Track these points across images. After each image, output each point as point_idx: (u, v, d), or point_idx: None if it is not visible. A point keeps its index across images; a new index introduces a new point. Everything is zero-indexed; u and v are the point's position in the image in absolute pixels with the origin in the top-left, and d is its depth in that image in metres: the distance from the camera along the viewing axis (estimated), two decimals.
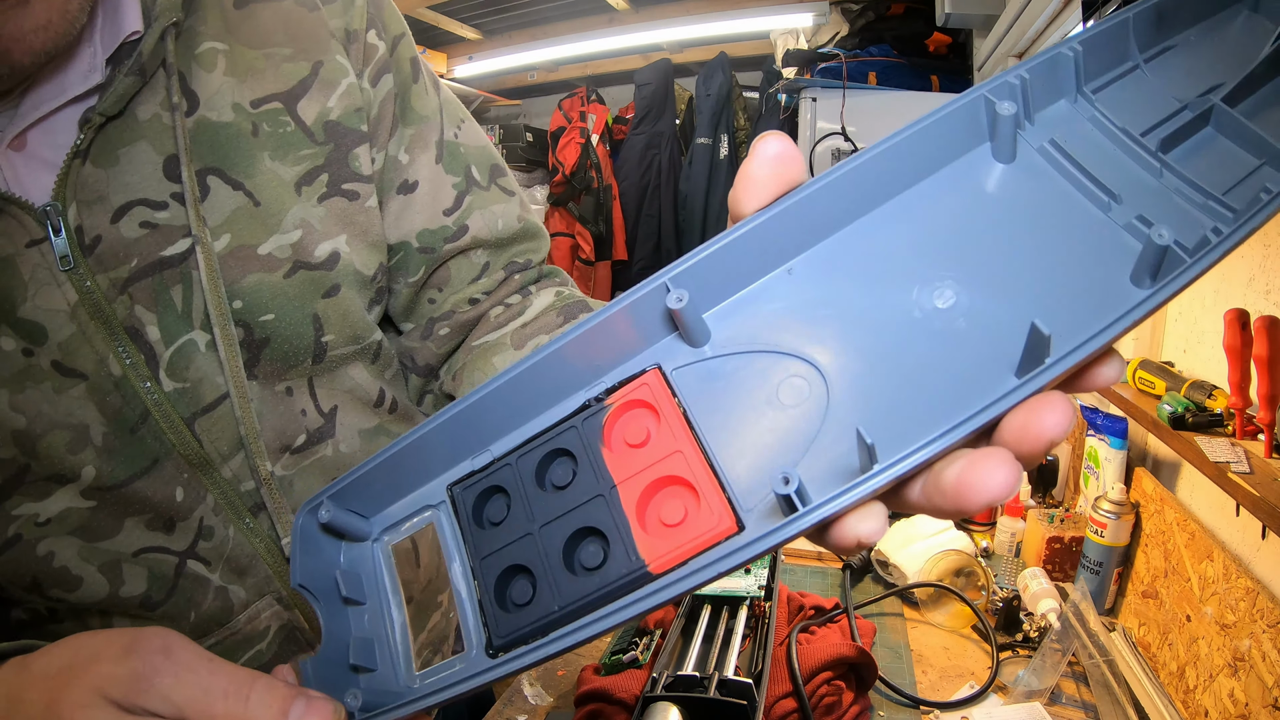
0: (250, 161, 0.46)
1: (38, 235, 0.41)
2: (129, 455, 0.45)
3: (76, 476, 0.43)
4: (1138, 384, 1.00)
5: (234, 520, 0.49)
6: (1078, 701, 0.82)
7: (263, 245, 0.47)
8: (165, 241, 0.44)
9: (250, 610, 0.51)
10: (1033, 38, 1.96)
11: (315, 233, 0.48)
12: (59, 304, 0.42)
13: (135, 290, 0.44)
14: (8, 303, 0.41)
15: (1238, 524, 0.79)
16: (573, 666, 0.88)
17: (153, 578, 0.47)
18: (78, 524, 0.45)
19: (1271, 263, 0.82)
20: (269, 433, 0.49)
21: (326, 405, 0.52)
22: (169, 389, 0.45)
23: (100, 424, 0.44)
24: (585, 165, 3.41)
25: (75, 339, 0.43)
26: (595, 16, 3.21)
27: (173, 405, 0.45)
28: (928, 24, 2.63)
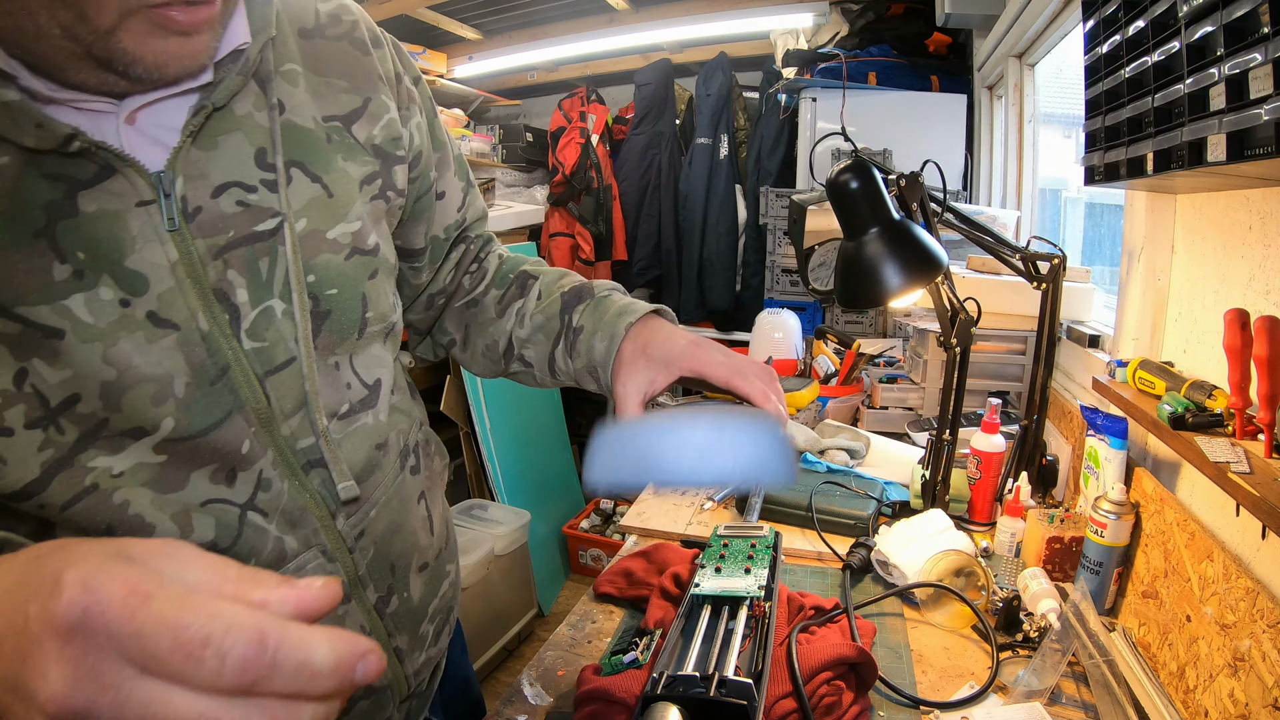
0: (327, 160, 0.56)
1: (148, 197, 0.48)
2: (206, 407, 0.50)
3: (156, 428, 0.48)
4: (1138, 384, 1.00)
5: (288, 476, 0.55)
6: (1078, 701, 0.82)
7: (331, 231, 0.56)
8: (257, 219, 0.52)
9: (299, 560, 0.56)
10: (1032, 38, 1.96)
11: (366, 226, 0.59)
12: (160, 260, 0.48)
13: (230, 257, 0.51)
14: (115, 252, 0.47)
15: (1238, 524, 0.79)
16: (573, 666, 0.88)
17: (220, 525, 0.52)
18: (148, 478, 0.49)
19: (1271, 263, 0.82)
20: (321, 399, 0.56)
21: (369, 379, 0.61)
22: (248, 347, 0.52)
23: (184, 375, 0.49)
24: (585, 165, 3.41)
25: (171, 293, 0.48)
26: (595, 16, 3.21)
27: (249, 362, 0.52)
28: (928, 24, 2.63)
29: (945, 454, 1.23)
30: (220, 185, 0.51)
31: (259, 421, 0.53)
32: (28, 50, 0.43)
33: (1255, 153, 0.62)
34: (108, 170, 0.47)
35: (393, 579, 0.64)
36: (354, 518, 0.60)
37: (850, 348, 1.96)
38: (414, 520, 0.67)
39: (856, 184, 1.04)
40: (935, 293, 1.20)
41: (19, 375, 0.44)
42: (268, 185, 0.52)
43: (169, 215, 0.48)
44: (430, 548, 0.69)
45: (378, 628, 0.63)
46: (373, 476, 0.61)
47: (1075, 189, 2.17)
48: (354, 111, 0.59)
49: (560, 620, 0.99)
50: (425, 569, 0.68)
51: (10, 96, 0.43)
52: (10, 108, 0.43)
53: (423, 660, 0.69)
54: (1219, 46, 0.66)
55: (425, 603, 0.69)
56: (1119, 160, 0.91)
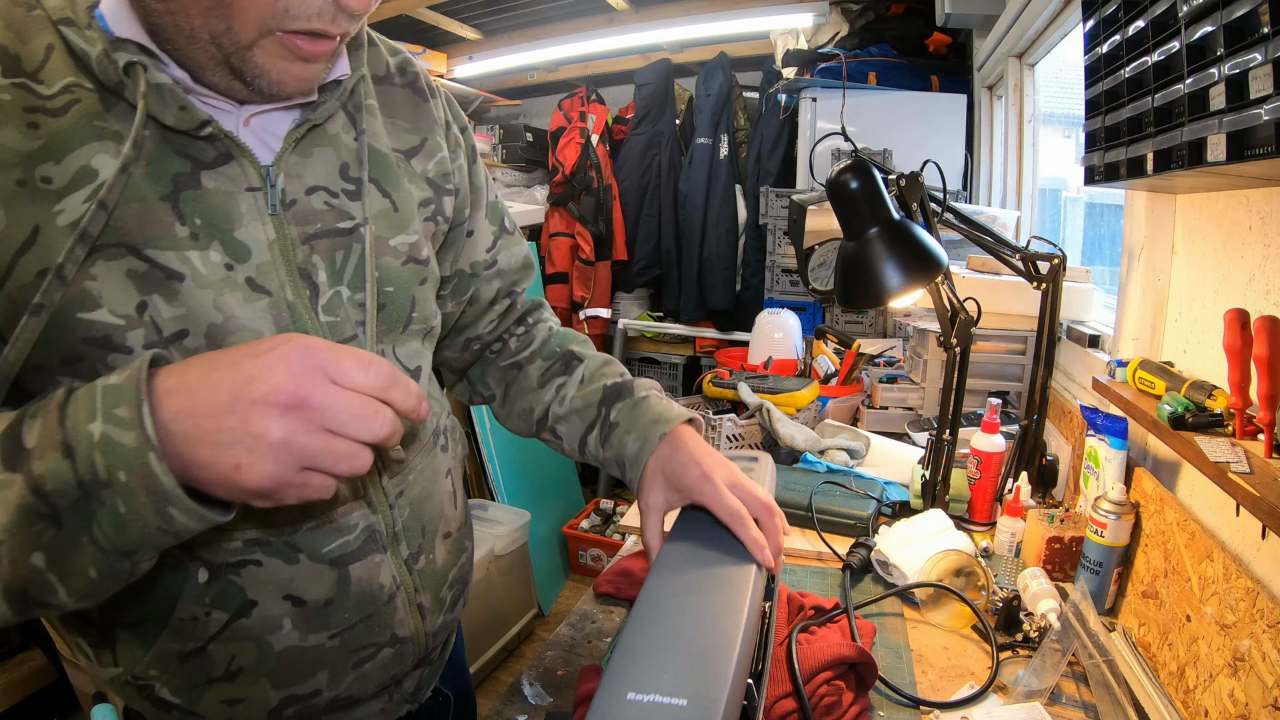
0: (396, 181, 0.67)
1: (256, 184, 0.57)
2: None
3: None
4: (1138, 384, 1.00)
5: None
6: (1078, 701, 0.82)
7: (393, 239, 0.66)
8: (338, 218, 0.61)
9: (346, 507, 0.64)
10: (1033, 38, 1.96)
11: (421, 240, 0.68)
12: (261, 237, 0.57)
13: (315, 244, 0.60)
14: (227, 223, 0.56)
15: (1238, 524, 0.79)
16: (573, 666, 0.88)
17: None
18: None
19: (1271, 263, 0.82)
20: None
21: (411, 365, 0.69)
22: (322, 320, 0.60)
23: (270, 333, 0.57)
24: (585, 165, 3.41)
25: (267, 265, 0.57)
26: (595, 16, 3.21)
27: (322, 333, 0.60)
28: (928, 24, 2.63)
29: (945, 454, 1.23)
30: (311, 186, 0.60)
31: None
32: (178, 47, 0.51)
33: (1255, 153, 0.62)
34: (226, 157, 0.56)
35: (422, 539, 0.71)
36: (395, 479, 0.67)
37: (850, 348, 1.96)
38: (442, 491, 0.74)
39: (856, 184, 1.04)
40: (935, 293, 1.20)
41: (140, 306, 0.53)
42: (349, 194, 0.62)
43: (271, 202, 0.58)
44: (454, 520, 0.76)
45: (406, 581, 0.69)
46: (412, 446, 0.70)
47: (1075, 189, 2.17)
48: (413, 148, 0.70)
49: (560, 620, 0.99)
50: (449, 538, 0.75)
51: (163, 79, 0.51)
52: (162, 89, 0.51)
53: (440, 623, 0.74)
54: (1219, 46, 0.66)
55: (446, 569, 0.75)
56: (1119, 160, 0.91)
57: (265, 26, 0.50)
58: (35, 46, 0.51)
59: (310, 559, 0.62)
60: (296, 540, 0.61)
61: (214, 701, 0.63)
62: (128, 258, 0.52)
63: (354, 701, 0.69)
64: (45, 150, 0.50)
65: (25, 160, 0.50)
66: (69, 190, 0.50)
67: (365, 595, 0.65)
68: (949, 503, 1.25)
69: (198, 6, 0.48)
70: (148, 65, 0.51)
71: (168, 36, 0.51)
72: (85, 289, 0.51)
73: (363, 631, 0.66)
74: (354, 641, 0.66)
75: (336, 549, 0.63)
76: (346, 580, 0.64)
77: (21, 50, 0.50)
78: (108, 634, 0.62)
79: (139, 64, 0.51)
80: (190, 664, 0.61)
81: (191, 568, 0.59)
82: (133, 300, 0.52)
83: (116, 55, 0.50)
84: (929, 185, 1.15)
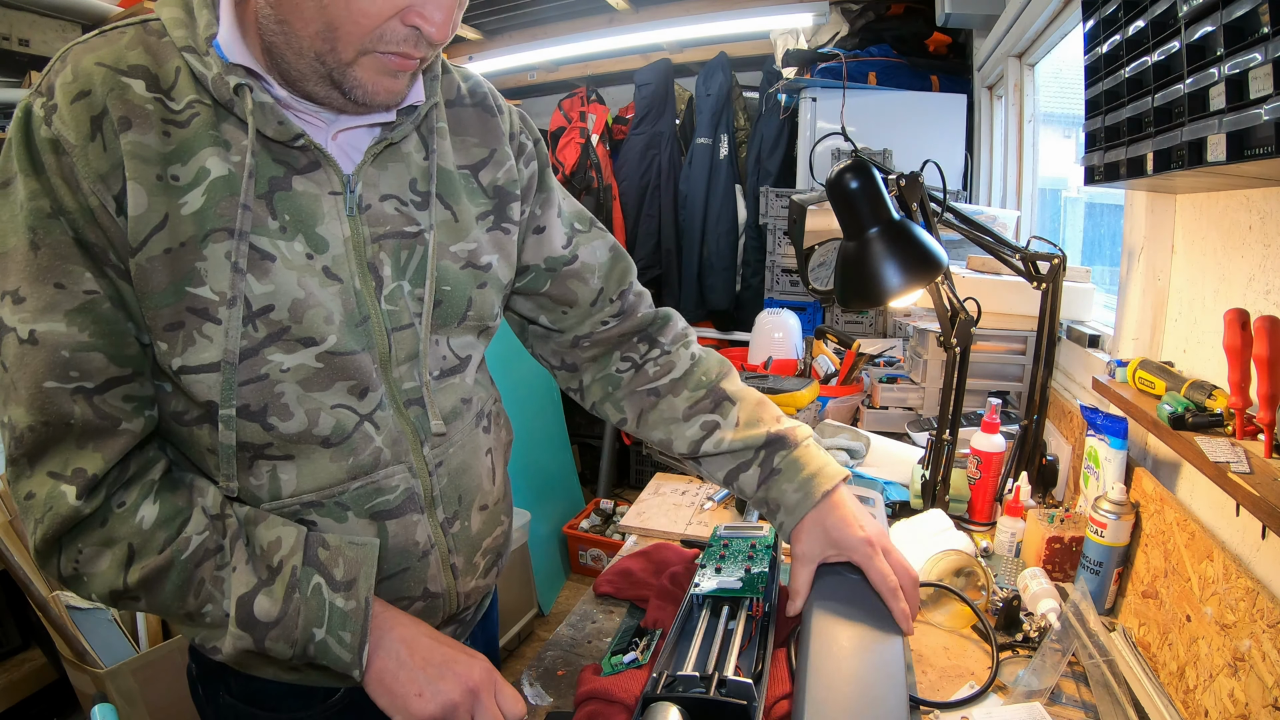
0: (458, 196, 0.75)
1: (337, 189, 0.67)
2: (351, 337, 0.68)
3: (323, 340, 0.66)
4: (1138, 384, 1.00)
5: (394, 407, 0.73)
6: (1078, 701, 0.82)
7: (453, 246, 0.74)
8: (405, 223, 0.71)
9: (389, 469, 0.73)
10: (1033, 38, 1.96)
11: (482, 248, 0.77)
12: (338, 234, 0.67)
13: (383, 243, 0.70)
14: (311, 220, 0.66)
15: (1238, 524, 0.79)
16: (573, 666, 0.88)
17: (337, 426, 0.69)
18: (303, 377, 0.67)
19: (1271, 263, 0.82)
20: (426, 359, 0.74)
21: (461, 354, 0.78)
22: (384, 308, 0.70)
23: (340, 314, 0.67)
24: (585, 165, 3.41)
25: (340, 257, 0.67)
26: (595, 16, 3.21)
27: (383, 319, 0.70)
28: (928, 24, 2.63)
29: (945, 454, 1.23)
30: (385, 194, 0.70)
31: (379, 362, 0.71)
32: (287, 62, 0.62)
33: (1255, 153, 0.62)
34: (315, 164, 0.66)
35: (459, 507, 0.79)
36: (436, 450, 0.76)
37: (850, 348, 1.96)
38: (480, 467, 0.82)
39: (856, 184, 1.04)
40: (935, 293, 1.20)
41: (233, 284, 0.62)
42: (416, 204, 0.72)
43: (349, 205, 0.68)
44: (491, 494, 0.84)
45: (440, 541, 0.77)
46: (455, 423, 0.78)
47: (1075, 189, 2.17)
48: (482, 160, 0.78)
49: (560, 620, 0.99)
50: (485, 509, 0.83)
51: (266, 99, 0.63)
52: (264, 107, 0.62)
53: (472, 586, 0.82)
54: (1219, 46, 0.66)
55: (481, 537, 0.82)
56: (1119, 160, 0.91)
57: (363, 48, 0.60)
58: (168, 69, 0.62)
59: (356, 515, 0.72)
60: (344, 499, 0.71)
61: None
62: (229, 241, 0.62)
63: None
64: (175, 154, 0.61)
65: (162, 160, 0.61)
66: (191, 186, 0.62)
67: (401, 550, 0.74)
68: (949, 503, 1.25)
69: (307, 30, 0.59)
70: (253, 86, 0.62)
71: (279, 53, 0.62)
72: (194, 268, 0.62)
73: (399, 583, 0.75)
74: (391, 592, 0.75)
75: (378, 504, 0.72)
76: (385, 535, 0.73)
77: (158, 71, 0.62)
78: None
79: (246, 86, 0.62)
80: None
81: None
82: (228, 278, 0.62)
83: (228, 78, 0.61)
84: (929, 185, 1.15)
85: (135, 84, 0.61)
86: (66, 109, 0.59)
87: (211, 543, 0.65)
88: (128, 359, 0.63)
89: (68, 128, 0.59)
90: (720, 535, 0.99)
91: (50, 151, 0.59)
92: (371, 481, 0.72)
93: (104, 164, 0.60)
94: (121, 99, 0.60)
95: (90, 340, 0.61)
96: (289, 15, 0.59)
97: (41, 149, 0.59)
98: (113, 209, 0.60)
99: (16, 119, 0.61)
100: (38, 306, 0.60)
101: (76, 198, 0.60)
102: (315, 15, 0.59)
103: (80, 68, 0.60)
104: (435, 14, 0.61)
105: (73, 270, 0.61)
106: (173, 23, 0.63)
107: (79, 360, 0.61)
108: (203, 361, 0.63)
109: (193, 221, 0.61)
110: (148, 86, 0.61)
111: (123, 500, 0.64)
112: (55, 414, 0.61)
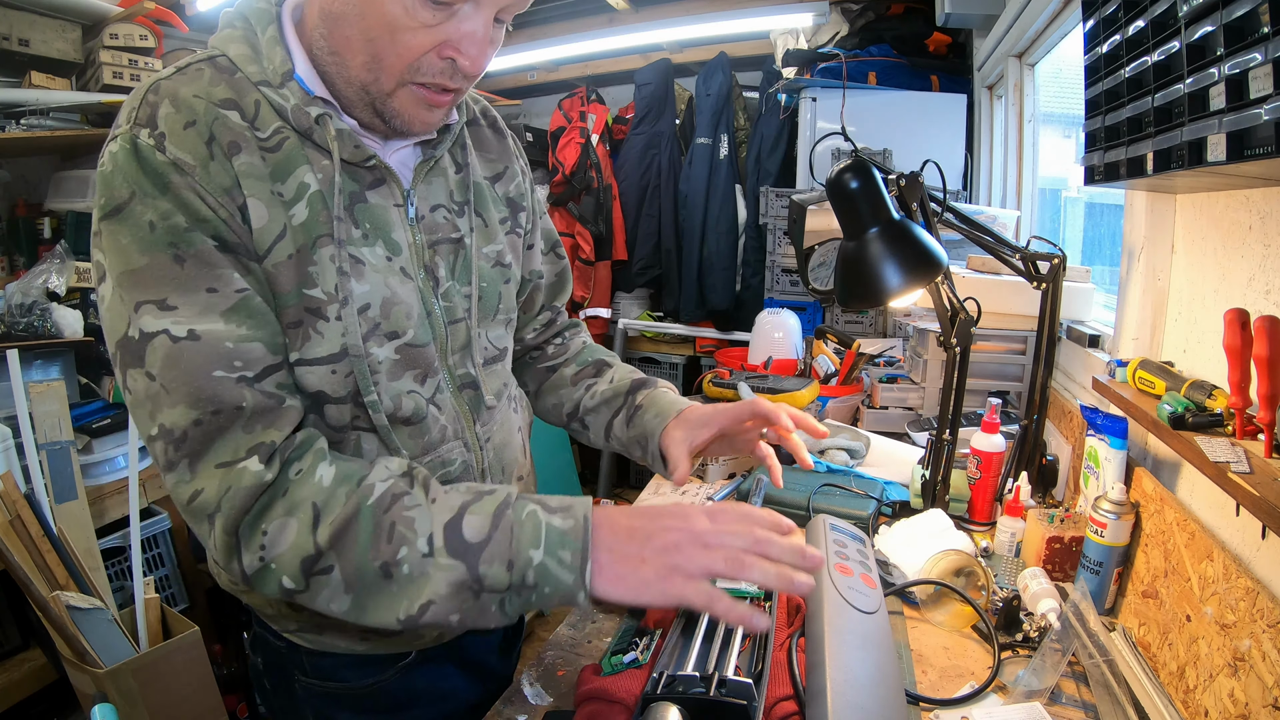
0: (487, 204, 0.85)
1: (400, 202, 0.75)
2: (422, 330, 0.76)
3: (404, 334, 0.74)
4: (1138, 384, 1.00)
5: (452, 389, 0.81)
6: (1078, 701, 0.82)
7: (485, 248, 0.84)
8: (451, 230, 0.80)
9: (449, 444, 0.80)
10: (1033, 38, 1.96)
11: (505, 249, 0.86)
12: (405, 239, 0.75)
13: (437, 248, 0.78)
14: (386, 227, 0.74)
15: (1238, 524, 0.79)
16: (573, 666, 0.88)
17: (415, 408, 0.76)
18: (388, 368, 0.73)
19: (1271, 263, 0.82)
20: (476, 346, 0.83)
21: (499, 345, 0.88)
22: (441, 305, 0.78)
23: (417, 309, 0.76)
24: (585, 165, 3.41)
25: (408, 260, 0.75)
26: (595, 16, 3.21)
27: (441, 313, 0.78)
28: (928, 24, 2.63)
29: (945, 454, 1.23)
30: (434, 205, 0.79)
31: (439, 352, 0.79)
32: (338, 90, 0.69)
33: (1255, 152, 0.62)
34: (381, 180, 0.74)
35: (502, 477, 0.88)
36: (486, 427, 0.84)
37: (850, 348, 1.96)
38: (516, 442, 0.91)
39: (856, 184, 1.04)
40: (935, 293, 1.20)
41: (337, 286, 0.69)
42: (455, 212, 0.81)
43: (410, 215, 0.76)
44: (524, 466, 0.94)
45: None
46: (500, 402, 0.87)
47: (1075, 189, 2.17)
48: (498, 174, 0.89)
49: (560, 620, 0.99)
50: (521, 480, 0.93)
51: (343, 125, 0.70)
52: (343, 133, 0.69)
53: None
54: (1219, 46, 0.66)
55: None
56: (1119, 160, 0.91)
57: (402, 79, 0.66)
58: (248, 101, 0.67)
59: None
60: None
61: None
62: (331, 246, 0.69)
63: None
64: (275, 173, 0.67)
65: (269, 178, 0.67)
66: (295, 200, 0.68)
67: None
68: (949, 503, 1.25)
69: (355, 61, 0.66)
70: (332, 115, 0.69)
71: (331, 81, 0.69)
72: (308, 272, 0.68)
73: None
74: None
75: (443, 475, 0.79)
76: None
77: (241, 104, 0.67)
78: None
79: (327, 115, 0.68)
80: None
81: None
82: (333, 280, 0.69)
83: (309, 109, 0.68)
84: (929, 185, 1.15)
85: (230, 114, 0.66)
86: (179, 135, 0.63)
87: (398, 488, 0.65)
88: (279, 347, 0.68)
89: (185, 151, 0.63)
90: None
91: (174, 172, 0.63)
92: (437, 455, 0.79)
93: (225, 179, 0.64)
94: (226, 126, 0.65)
95: (249, 333, 0.65)
96: (340, 47, 0.66)
97: (164, 171, 0.62)
98: (239, 219, 0.65)
99: (123, 150, 0.63)
100: (193, 312, 0.62)
101: (209, 208, 0.64)
102: (362, 47, 0.65)
103: (180, 99, 0.65)
104: (470, 48, 0.66)
105: (222, 274, 0.64)
106: (243, 59, 0.68)
107: (241, 351, 0.64)
108: (317, 355, 0.69)
109: (303, 231, 0.68)
110: (241, 117, 0.66)
111: (299, 468, 0.64)
112: (227, 401, 0.62)
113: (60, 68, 2.12)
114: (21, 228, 2.31)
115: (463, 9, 0.64)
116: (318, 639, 0.81)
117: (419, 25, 0.63)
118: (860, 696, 0.70)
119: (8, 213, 2.35)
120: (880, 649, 0.78)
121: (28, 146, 2.11)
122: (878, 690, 0.72)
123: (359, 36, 0.64)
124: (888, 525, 1.18)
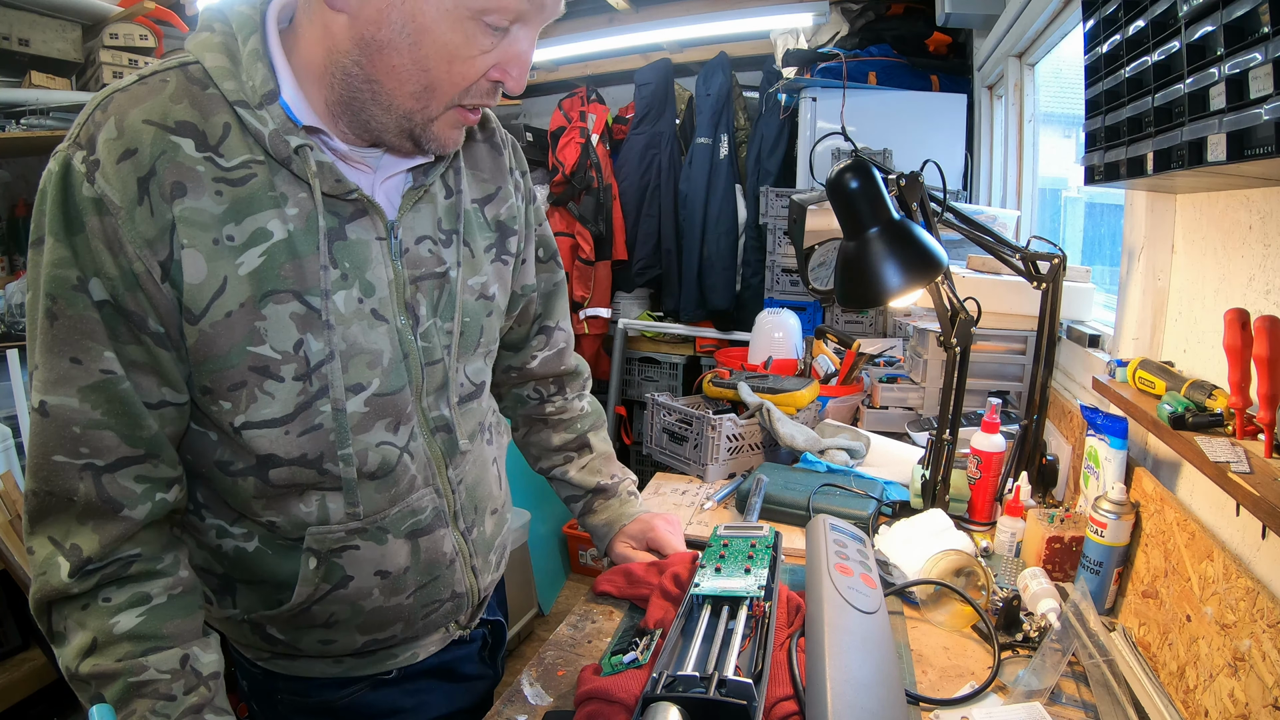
0: (474, 233, 0.81)
1: (382, 235, 0.71)
2: (394, 376, 0.73)
3: (368, 386, 0.70)
4: (1138, 384, 1.00)
5: (425, 434, 0.78)
6: (1078, 701, 0.82)
7: (470, 280, 0.80)
8: (436, 264, 0.76)
9: (420, 492, 0.78)
10: (1033, 38, 1.96)
11: (489, 279, 0.83)
12: (384, 276, 0.71)
13: (419, 284, 0.74)
14: (364, 265, 0.69)
15: (1238, 524, 0.79)
16: (573, 666, 0.88)
17: (383, 461, 0.73)
18: (354, 423, 0.70)
19: (1271, 263, 0.82)
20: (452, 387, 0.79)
21: (476, 380, 0.84)
22: (420, 345, 0.74)
23: (387, 353, 0.71)
24: (585, 165, 3.41)
25: (385, 299, 0.71)
26: (595, 16, 3.21)
27: (420, 355, 0.75)
28: (928, 24, 2.63)
29: (945, 454, 1.23)
30: (420, 236, 0.74)
31: (414, 395, 0.75)
32: (369, 114, 0.65)
33: (1255, 152, 0.62)
34: (362, 211, 0.70)
35: (475, 516, 0.85)
36: (458, 470, 0.82)
37: (850, 347, 1.96)
38: (489, 476, 0.89)
39: (856, 184, 1.04)
40: (935, 293, 1.20)
41: (298, 344, 0.66)
42: (441, 243, 0.76)
43: (393, 250, 0.72)
44: (498, 498, 0.92)
45: (463, 549, 0.84)
46: (474, 442, 0.85)
47: (1075, 189, 2.17)
48: (489, 195, 0.84)
49: (560, 620, 0.99)
50: (495, 513, 0.91)
51: (325, 158, 0.65)
52: (324, 166, 0.65)
53: (489, 580, 0.91)
54: (1219, 46, 0.66)
55: (493, 538, 0.91)
56: (1119, 160, 0.91)
57: (450, 103, 0.65)
58: (215, 123, 0.62)
59: (394, 536, 0.76)
60: (385, 523, 0.75)
61: (312, 641, 0.79)
62: (293, 302, 0.65)
63: (418, 638, 0.86)
64: (228, 213, 0.62)
65: (216, 222, 0.61)
66: (247, 246, 0.63)
67: (432, 561, 0.80)
68: (949, 503, 1.25)
69: (402, 90, 0.63)
70: (314, 146, 0.64)
71: (362, 107, 0.65)
72: (254, 327, 0.64)
73: (431, 590, 0.81)
74: (425, 598, 0.81)
75: (411, 525, 0.77)
76: (418, 550, 0.78)
77: (204, 126, 0.61)
78: (230, 586, 0.78)
79: (308, 146, 0.64)
80: (297, 616, 0.76)
81: (305, 557, 0.73)
82: (292, 338, 0.65)
83: (288, 137, 0.63)
84: (929, 185, 1.15)
85: (185, 143, 0.60)
86: (112, 168, 0.58)
87: (166, 689, 0.64)
88: (141, 440, 0.63)
89: (113, 188, 0.58)
90: (720, 535, 0.99)
91: (94, 212, 0.58)
92: (407, 505, 0.77)
93: (151, 229, 0.59)
94: (173, 162, 0.59)
95: (102, 418, 0.61)
96: (382, 76, 0.62)
97: (83, 208, 0.58)
98: (158, 275, 0.60)
99: (54, 173, 0.59)
100: (51, 379, 0.60)
101: (119, 262, 0.59)
102: (413, 76, 0.62)
103: (126, 124, 0.59)
104: (517, 69, 0.66)
105: (92, 347, 0.60)
106: (219, 72, 0.62)
107: (90, 437, 0.61)
108: (267, 416, 0.66)
109: (249, 282, 0.63)
110: (197, 145, 0.61)
111: (109, 596, 0.64)
112: (59, 487, 0.62)
113: (60, 68, 2.12)
114: (21, 228, 2.32)
115: (514, 29, 0.65)
116: (291, 665, 0.82)
117: (478, 52, 0.63)
118: (860, 696, 0.70)
119: (8, 213, 2.35)
120: (880, 649, 0.78)
121: (28, 146, 2.11)
122: (878, 690, 0.72)
123: (411, 66, 0.61)
124: (888, 525, 1.18)
